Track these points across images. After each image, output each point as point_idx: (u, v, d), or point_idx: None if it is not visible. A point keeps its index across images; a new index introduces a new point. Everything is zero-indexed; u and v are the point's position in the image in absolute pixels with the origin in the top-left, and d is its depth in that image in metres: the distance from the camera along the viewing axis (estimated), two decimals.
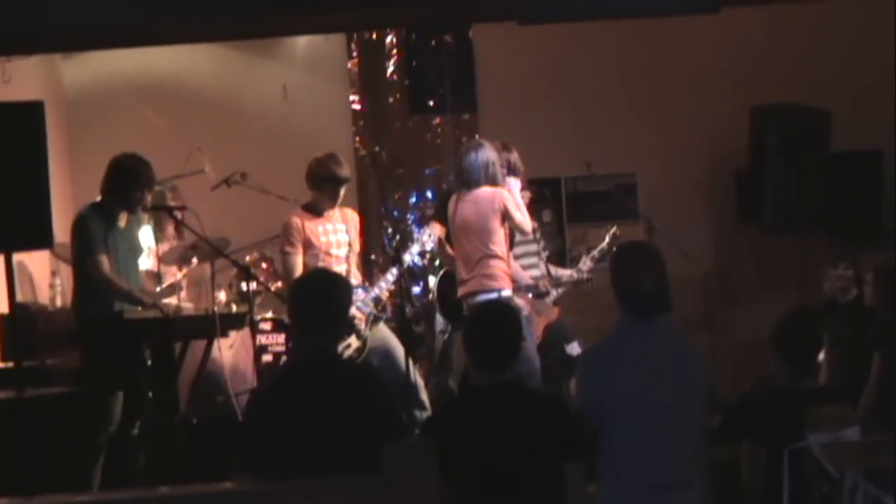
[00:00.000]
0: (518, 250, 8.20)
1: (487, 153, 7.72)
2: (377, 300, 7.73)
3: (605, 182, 10.00)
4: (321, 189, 7.72)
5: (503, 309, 5.24)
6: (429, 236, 7.91)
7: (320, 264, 7.56)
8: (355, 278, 7.77)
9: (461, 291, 7.77)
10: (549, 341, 8.24)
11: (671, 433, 4.63)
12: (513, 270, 7.92)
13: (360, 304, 7.63)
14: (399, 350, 7.61)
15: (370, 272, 10.07)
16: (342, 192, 7.77)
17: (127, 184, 7.14)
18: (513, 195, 7.77)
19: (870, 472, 4.40)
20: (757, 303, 9.59)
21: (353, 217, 7.98)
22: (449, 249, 8.00)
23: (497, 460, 4.63)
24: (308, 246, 7.65)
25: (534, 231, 8.24)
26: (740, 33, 9.76)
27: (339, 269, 7.57)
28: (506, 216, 7.65)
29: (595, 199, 10.27)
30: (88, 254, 7.04)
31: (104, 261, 7.03)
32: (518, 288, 7.98)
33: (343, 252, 7.76)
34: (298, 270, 7.54)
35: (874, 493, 4.35)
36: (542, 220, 9.00)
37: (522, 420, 4.69)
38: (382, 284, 7.79)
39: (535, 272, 8.37)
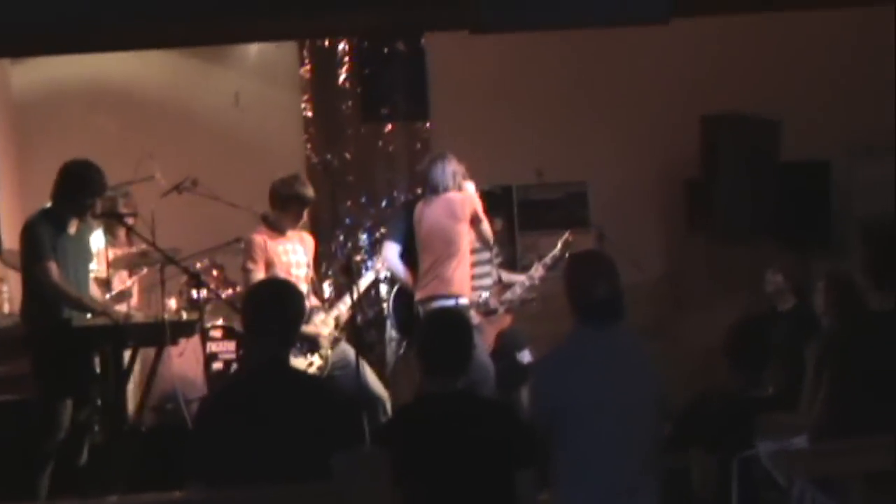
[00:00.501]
0: (472, 258, 8.23)
1: (453, 163, 7.90)
2: (336, 320, 7.77)
3: (557, 190, 10.05)
4: (286, 209, 7.72)
5: (455, 316, 5.24)
6: (382, 264, 7.99)
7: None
8: (314, 299, 7.79)
9: (418, 295, 7.81)
10: (500, 349, 8.26)
11: (624, 441, 4.64)
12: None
13: (321, 326, 7.66)
14: (362, 362, 7.63)
15: (322, 281, 10.06)
16: (305, 213, 7.79)
17: (78, 190, 7.07)
18: None
19: (817, 479, 4.44)
20: (707, 310, 9.63)
21: (309, 240, 7.99)
22: (401, 271, 8.06)
23: (449, 468, 4.62)
24: (269, 264, 7.64)
25: (495, 234, 8.34)
26: (692, 43, 9.80)
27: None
28: (475, 219, 7.77)
29: (546, 208, 10.30)
30: (37, 260, 6.97)
31: (53, 267, 6.96)
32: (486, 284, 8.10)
33: (303, 273, 7.77)
34: None
35: (821, 501, 4.38)
36: (494, 227, 9.00)
37: (474, 427, 4.69)
38: (342, 306, 7.82)
39: (488, 280, 8.40)
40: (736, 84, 9.87)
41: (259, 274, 7.59)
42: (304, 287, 7.67)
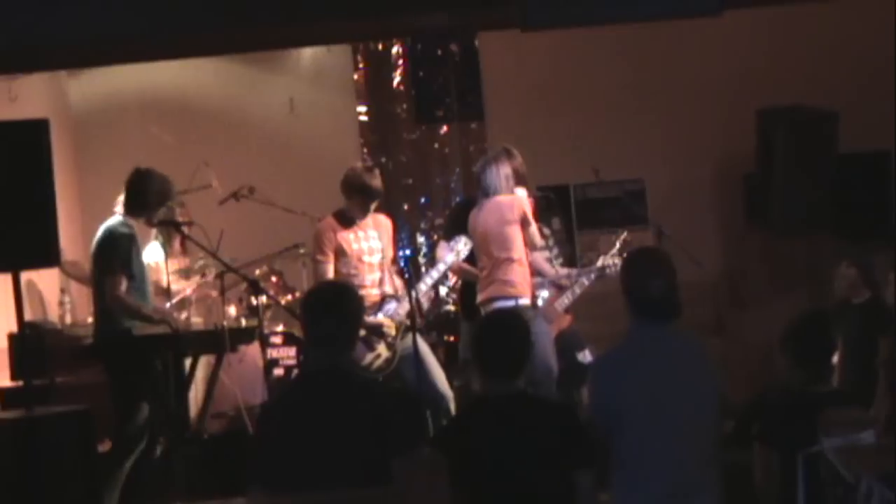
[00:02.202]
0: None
1: (506, 166, 7.84)
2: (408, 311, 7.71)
3: (614, 188, 10.00)
4: (352, 199, 7.69)
5: (510, 317, 5.21)
6: (465, 245, 7.91)
7: (353, 272, 7.54)
8: (389, 286, 7.75)
9: (480, 297, 7.81)
10: (559, 349, 8.23)
11: (683, 439, 4.60)
12: (537, 264, 8.02)
13: (392, 314, 7.64)
14: (430, 359, 7.60)
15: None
16: (373, 205, 7.73)
17: (154, 200, 7.16)
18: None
19: (885, 475, 4.37)
20: (767, 306, 9.55)
21: (385, 223, 7.91)
22: (464, 265, 8.03)
23: (507, 470, 4.60)
24: (340, 253, 7.60)
25: (545, 238, 8.30)
26: (746, 36, 9.74)
27: (373, 276, 7.59)
28: (525, 221, 7.73)
29: (604, 206, 10.26)
30: (110, 272, 7.01)
31: (122, 282, 7.02)
32: (541, 283, 8.07)
33: (376, 259, 7.71)
34: (330, 278, 7.51)
35: (889, 498, 4.32)
36: (552, 227, 8.98)
37: (532, 429, 4.66)
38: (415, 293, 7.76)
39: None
40: (792, 76, 9.78)
41: (328, 265, 7.54)
42: (377, 274, 7.65)
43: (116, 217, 7.20)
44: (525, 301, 7.73)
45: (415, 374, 7.39)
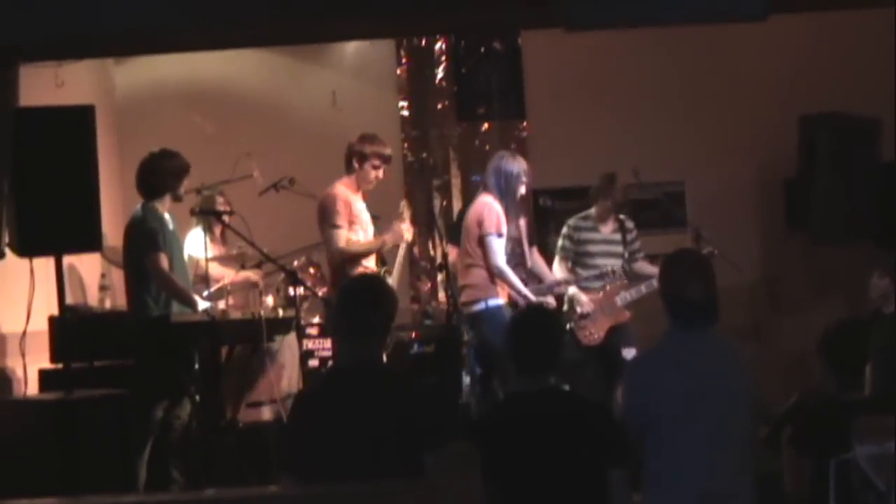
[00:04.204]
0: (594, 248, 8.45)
1: (511, 165, 7.81)
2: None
3: (654, 190, 9.96)
4: (363, 166, 7.82)
5: (543, 313, 5.24)
6: None
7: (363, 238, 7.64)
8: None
9: (461, 300, 7.84)
10: (610, 344, 8.25)
11: (717, 444, 4.60)
12: (539, 269, 7.98)
13: None
14: None
15: (418, 278, 10.15)
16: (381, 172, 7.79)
17: (165, 181, 7.24)
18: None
19: None
20: (805, 312, 9.50)
21: None
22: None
23: (540, 466, 4.62)
24: (352, 222, 7.66)
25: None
26: (789, 41, 9.69)
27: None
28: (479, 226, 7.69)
29: (643, 208, 10.22)
30: (150, 250, 7.10)
31: (164, 258, 7.12)
32: (542, 290, 8.07)
33: (371, 231, 7.82)
34: (343, 246, 7.64)
35: None
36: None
37: (565, 425, 4.68)
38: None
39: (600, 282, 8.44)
40: (835, 82, 9.72)
41: (345, 231, 7.57)
42: None
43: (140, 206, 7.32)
44: (495, 301, 7.77)
45: None
